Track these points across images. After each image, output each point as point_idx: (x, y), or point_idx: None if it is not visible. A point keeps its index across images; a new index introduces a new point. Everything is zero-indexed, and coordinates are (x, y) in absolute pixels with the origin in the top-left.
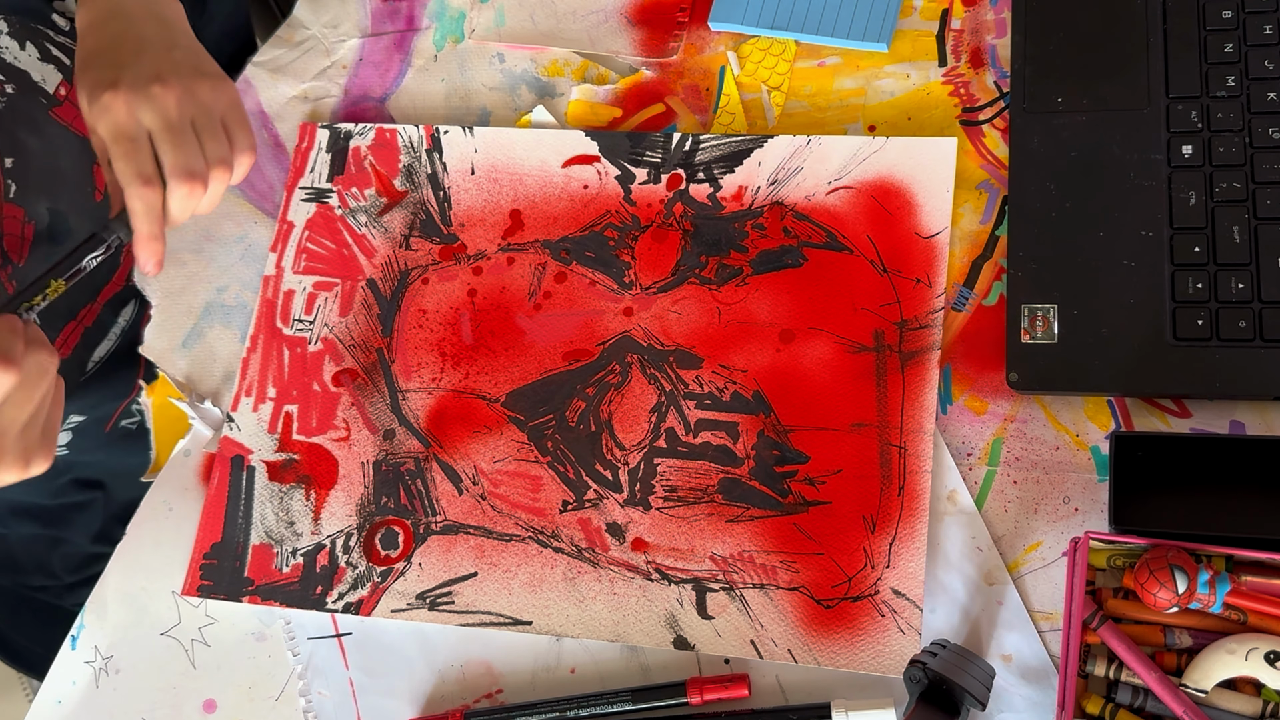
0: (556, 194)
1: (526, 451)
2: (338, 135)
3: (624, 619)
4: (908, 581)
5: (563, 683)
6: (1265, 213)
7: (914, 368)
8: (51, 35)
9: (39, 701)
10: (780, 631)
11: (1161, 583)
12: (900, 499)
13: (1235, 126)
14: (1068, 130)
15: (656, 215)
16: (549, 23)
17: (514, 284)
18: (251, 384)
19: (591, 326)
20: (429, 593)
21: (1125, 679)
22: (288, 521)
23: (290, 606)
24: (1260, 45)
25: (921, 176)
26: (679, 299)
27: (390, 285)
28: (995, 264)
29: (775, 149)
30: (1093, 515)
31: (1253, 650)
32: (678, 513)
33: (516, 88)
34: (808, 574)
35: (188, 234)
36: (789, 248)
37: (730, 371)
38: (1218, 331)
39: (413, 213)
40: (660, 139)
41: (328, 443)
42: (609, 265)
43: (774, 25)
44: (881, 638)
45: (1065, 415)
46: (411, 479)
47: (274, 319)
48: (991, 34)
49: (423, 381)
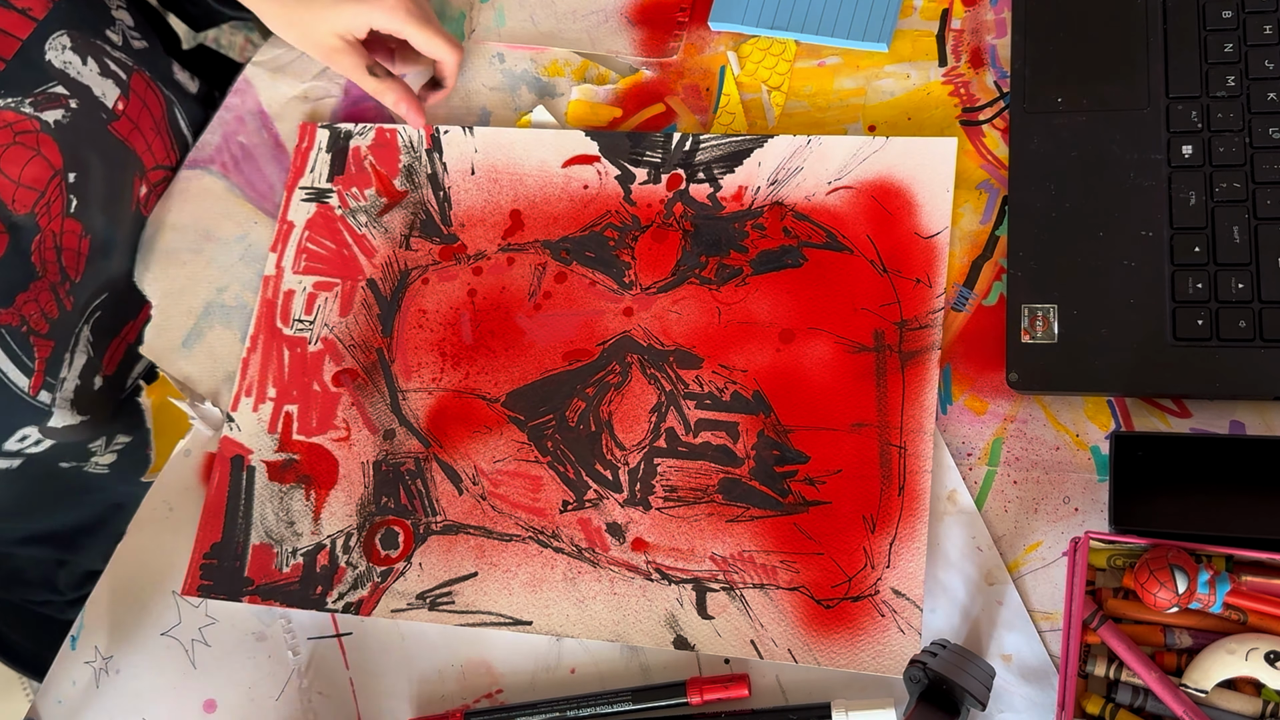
0: (556, 194)
1: (526, 451)
2: (338, 135)
3: (624, 619)
4: (908, 581)
5: (563, 683)
6: (1265, 213)
7: (914, 368)
8: (109, 50)
9: (39, 701)
10: (780, 631)
11: (1161, 583)
12: (900, 499)
13: (1235, 126)
14: (1068, 130)
15: (656, 215)
16: (549, 23)
17: (514, 284)
18: (251, 384)
19: (591, 326)
20: (429, 593)
21: (1125, 679)
22: (288, 521)
23: (290, 606)
24: (1260, 45)
25: (921, 176)
26: (679, 299)
27: (390, 285)
28: (995, 264)
29: (775, 149)
30: (1093, 515)
31: (1253, 650)
32: (678, 513)
33: (516, 88)
34: (808, 574)
35: (188, 234)
36: (789, 248)
37: (730, 371)
38: (1218, 331)
39: (413, 213)
40: (660, 139)
41: (328, 443)
42: (609, 265)
43: (774, 25)
44: (881, 638)
45: (1065, 415)
46: (411, 479)
47: (274, 319)
48: (991, 34)
49: (423, 381)
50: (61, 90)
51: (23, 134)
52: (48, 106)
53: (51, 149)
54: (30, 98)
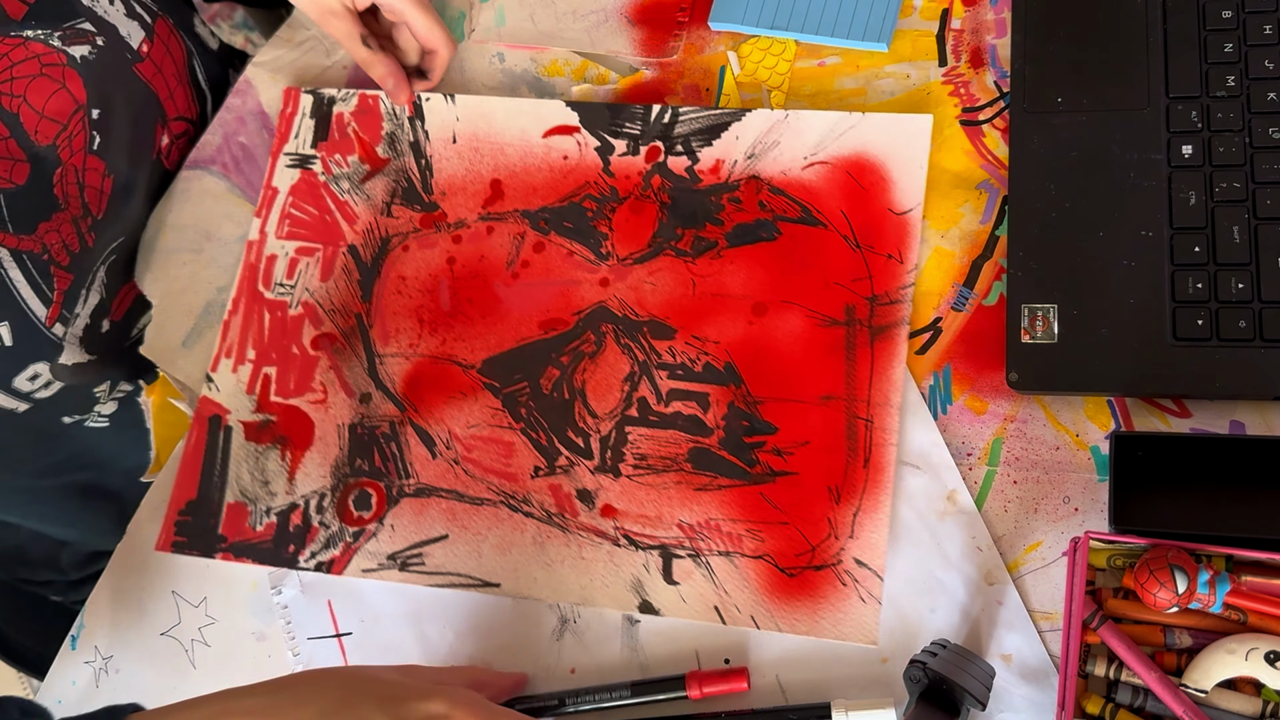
0: (537, 164)
1: (500, 418)
2: (321, 100)
3: (591, 583)
4: (870, 552)
5: (562, 682)
6: (1265, 213)
7: (883, 342)
8: None
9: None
10: (744, 598)
11: (1161, 583)
12: (865, 471)
13: (1235, 126)
14: (1068, 130)
15: (634, 187)
16: (549, 23)
17: (493, 253)
18: (231, 345)
19: (568, 296)
20: (400, 553)
21: (1125, 679)
22: (263, 481)
23: (263, 564)
24: (1260, 45)
25: (896, 153)
26: (655, 270)
27: (371, 251)
28: (995, 264)
29: (753, 123)
30: (1093, 515)
31: (1253, 650)
32: (647, 480)
33: (517, 88)
34: (773, 542)
35: (188, 234)
36: (764, 221)
37: (703, 343)
38: (1218, 331)
39: (395, 180)
40: (640, 111)
41: (304, 405)
42: (586, 236)
43: (774, 25)
44: (843, 606)
45: (1065, 415)
46: (386, 442)
47: (256, 283)
48: (991, 34)
49: (400, 347)
50: (89, 27)
51: (49, 66)
52: (75, 41)
53: (76, 84)
54: (59, 31)
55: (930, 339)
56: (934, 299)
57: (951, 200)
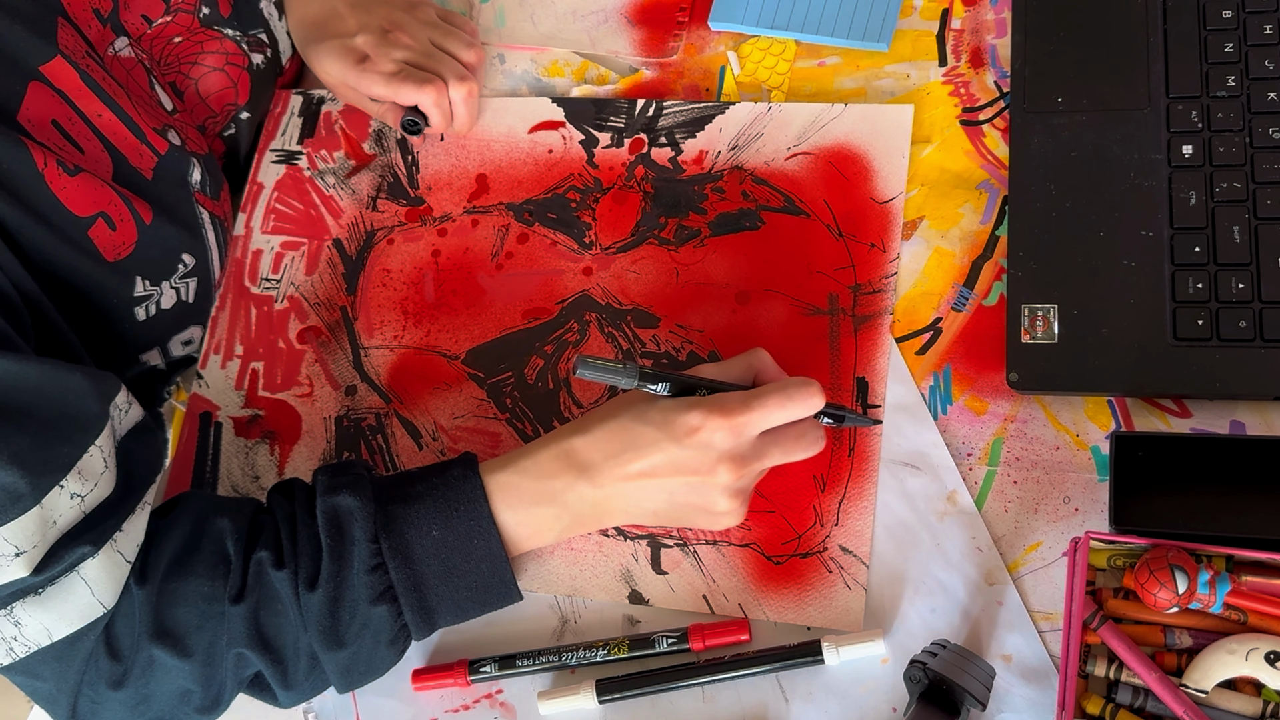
0: (522, 158)
1: (485, 408)
2: (310, 100)
3: (581, 574)
4: (855, 539)
5: (563, 680)
6: (1265, 213)
7: (866, 331)
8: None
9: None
10: (732, 586)
11: (1161, 583)
12: (850, 459)
13: (1235, 126)
14: (1068, 130)
15: (618, 178)
16: (549, 23)
17: (477, 245)
18: (220, 341)
19: (551, 285)
20: None
21: (1125, 679)
22: (253, 475)
23: None
24: (1260, 45)
25: (878, 143)
26: (638, 259)
27: (356, 245)
28: (995, 264)
29: (737, 115)
30: (1093, 515)
31: (1253, 650)
32: None
33: (517, 88)
34: (759, 531)
35: None
36: (747, 211)
37: (687, 331)
38: (1218, 331)
39: (380, 175)
40: (624, 105)
41: (292, 398)
42: (570, 226)
43: (774, 25)
44: (829, 593)
45: (1065, 415)
46: (372, 434)
47: (242, 277)
48: (991, 34)
49: (385, 339)
50: (264, 37)
51: (233, 66)
52: (256, 49)
53: (245, 86)
54: (247, 38)
55: (930, 339)
56: (934, 299)
57: (952, 200)
